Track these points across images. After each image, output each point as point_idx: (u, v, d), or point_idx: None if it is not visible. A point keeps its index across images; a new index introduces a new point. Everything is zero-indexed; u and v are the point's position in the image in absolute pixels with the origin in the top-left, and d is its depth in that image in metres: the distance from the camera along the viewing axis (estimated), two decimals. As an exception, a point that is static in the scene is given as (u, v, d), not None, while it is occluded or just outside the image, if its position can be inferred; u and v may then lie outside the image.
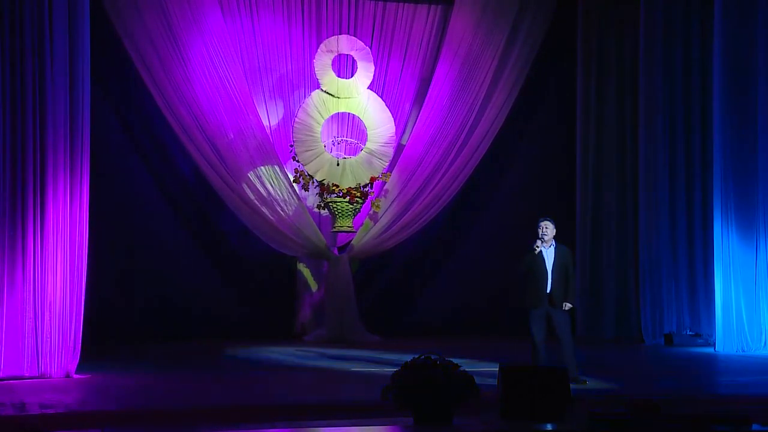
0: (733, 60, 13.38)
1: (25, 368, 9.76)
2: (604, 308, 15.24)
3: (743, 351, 13.06)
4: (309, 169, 14.52)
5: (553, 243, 9.81)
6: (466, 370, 7.03)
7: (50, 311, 9.83)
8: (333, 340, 14.12)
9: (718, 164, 13.36)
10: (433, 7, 15.36)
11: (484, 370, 9.25)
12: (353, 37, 14.86)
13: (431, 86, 15.08)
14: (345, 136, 14.90)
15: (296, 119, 14.62)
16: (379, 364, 11.32)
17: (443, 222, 15.68)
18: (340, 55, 14.77)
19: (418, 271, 15.74)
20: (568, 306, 9.79)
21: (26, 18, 9.88)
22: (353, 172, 14.65)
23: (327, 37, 14.76)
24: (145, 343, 13.31)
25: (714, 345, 13.44)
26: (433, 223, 15.39)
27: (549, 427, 6.88)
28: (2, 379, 9.58)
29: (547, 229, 9.74)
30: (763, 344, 13.24)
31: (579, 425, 6.85)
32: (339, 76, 14.74)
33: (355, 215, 14.59)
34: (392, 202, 14.88)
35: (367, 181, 14.63)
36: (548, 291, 9.70)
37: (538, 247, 9.72)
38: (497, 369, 7.23)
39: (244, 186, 14.24)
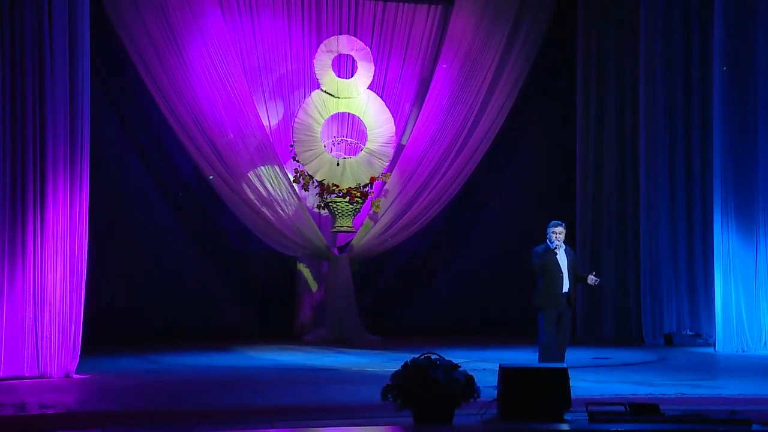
0: (734, 59, 13.37)
1: (25, 368, 9.75)
2: (604, 308, 15.23)
3: (743, 351, 13.05)
4: (309, 169, 14.52)
5: (563, 245, 9.88)
6: (466, 370, 7.03)
7: (50, 311, 9.82)
8: (333, 340, 14.12)
9: (718, 164, 13.35)
10: (433, 7, 15.36)
11: (484, 370, 9.24)
12: (353, 37, 14.86)
13: (431, 86, 15.08)
14: (345, 136, 14.90)
15: (296, 119, 14.62)
16: (379, 363, 11.31)
17: (443, 222, 15.68)
18: (340, 55, 14.77)
19: (418, 271, 15.74)
20: (594, 280, 9.84)
21: (26, 18, 9.87)
22: (353, 172, 14.65)
23: (327, 37, 14.77)
24: (145, 343, 13.30)
25: (714, 345, 13.43)
26: (433, 223, 15.39)
27: (549, 427, 6.87)
28: (2, 379, 9.57)
29: (562, 234, 9.82)
30: (763, 344, 13.24)
31: (579, 425, 6.85)
32: (339, 76, 14.74)
33: (355, 215, 14.59)
34: (392, 202, 14.88)
35: (367, 181, 14.63)
36: (565, 291, 9.75)
37: (558, 248, 9.74)
38: (497, 369, 7.23)
39: (244, 186, 14.25)
